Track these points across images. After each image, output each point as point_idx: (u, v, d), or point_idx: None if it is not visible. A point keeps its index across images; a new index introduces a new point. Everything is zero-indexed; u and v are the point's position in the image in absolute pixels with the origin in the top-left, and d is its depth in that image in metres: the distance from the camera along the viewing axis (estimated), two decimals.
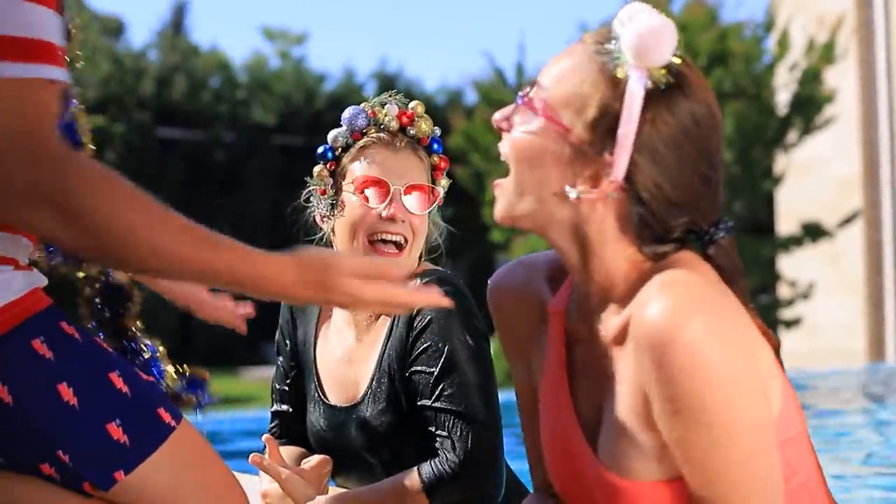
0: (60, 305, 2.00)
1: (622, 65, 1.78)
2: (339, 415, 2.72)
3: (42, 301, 1.96)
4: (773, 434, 1.72)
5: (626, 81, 1.77)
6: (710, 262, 1.82)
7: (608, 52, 1.80)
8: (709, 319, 1.66)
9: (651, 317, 1.68)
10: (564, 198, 1.81)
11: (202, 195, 25.98)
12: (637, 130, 1.75)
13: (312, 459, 2.61)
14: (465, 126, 15.14)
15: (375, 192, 2.68)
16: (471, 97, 24.74)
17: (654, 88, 1.77)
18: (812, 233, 14.30)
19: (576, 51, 1.84)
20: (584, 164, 1.79)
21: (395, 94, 2.81)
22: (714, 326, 1.66)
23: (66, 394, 1.90)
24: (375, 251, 2.66)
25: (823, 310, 15.01)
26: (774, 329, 14.62)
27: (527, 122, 1.84)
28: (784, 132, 14.12)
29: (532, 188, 1.83)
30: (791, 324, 14.39)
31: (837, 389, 9.06)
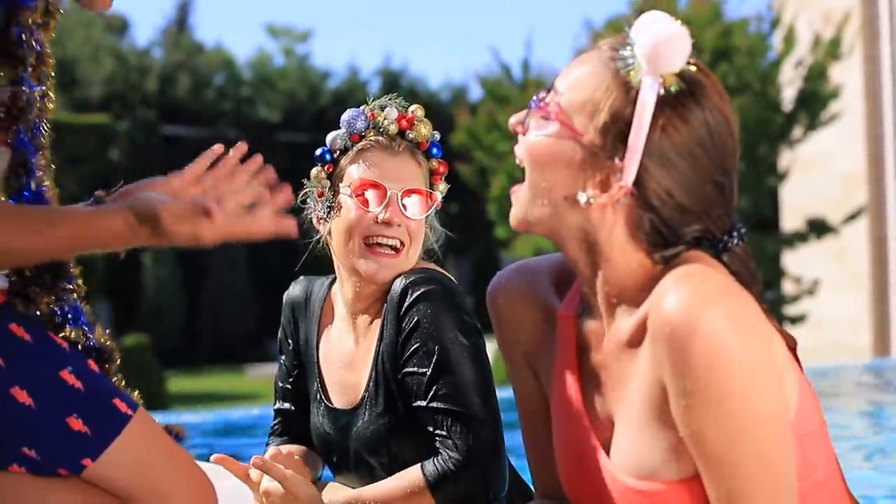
0: None
1: (635, 71, 1.78)
2: (341, 417, 2.73)
3: None
4: (788, 427, 1.72)
5: (639, 88, 1.77)
6: (724, 266, 1.81)
7: (622, 59, 1.80)
8: (727, 310, 1.66)
9: (668, 308, 1.68)
10: (575, 202, 1.81)
11: None
12: (648, 137, 1.75)
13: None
14: (469, 123, 15.14)
15: (373, 196, 2.68)
16: (475, 94, 24.74)
17: (667, 95, 1.76)
18: (817, 228, 14.30)
19: (592, 57, 1.85)
20: (595, 169, 1.79)
21: (396, 97, 2.80)
22: (732, 317, 1.66)
23: (21, 396, 1.95)
24: (372, 253, 2.66)
25: (828, 305, 15.00)
26: (780, 325, 14.61)
27: (541, 127, 1.84)
28: (789, 128, 14.11)
29: (545, 192, 1.83)
30: (796, 320, 14.39)
31: (842, 385, 9.05)
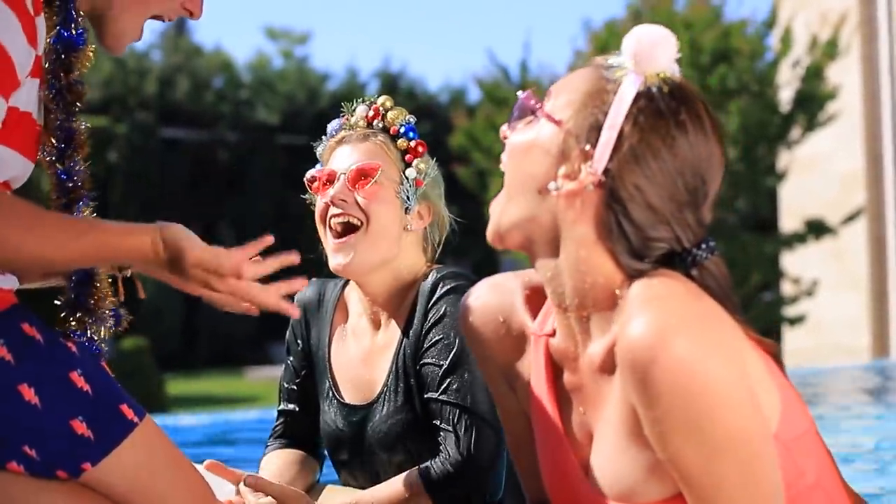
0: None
1: (620, 69, 1.80)
2: (355, 413, 2.72)
3: (3, 303, 1.99)
4: (768, 440, 1.71)
5: (621, 82, 1.79)
6: (696, 283, 1.79)
7: (610, 64, 1.83)
8: (690, 335, 1.64)
9: (631, 337, 1.66)
10: (546, 193, 1.80)
11: (206, 195, 26.01)
12: (623, 130, 1.76)
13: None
14: (468, 125, 15.16)
15: (324, 183, 2.71)
16: (473, 96, 24.74)
17: (648, 93, 1.78)
18: (815, 229, 14.31)
19: (582, 69, 1.88)
20: (568, 157, 1.79)
21: (376, 98, 2.82)
22: (696, 341, 1.64)
23: (28, 394, 1.95)
24: (334, 243, 2.68)
25: (827, 306, 15.01)
26: (778, 326, 14.63)
27: (526, 126, 1.86)
28: (787, 129, 14.13)
29: (519, 187, 1.83)
30: (795, 321, 14.39)
31: (841, 386, 9.05)
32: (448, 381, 2.55)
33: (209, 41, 32.16)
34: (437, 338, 2.59)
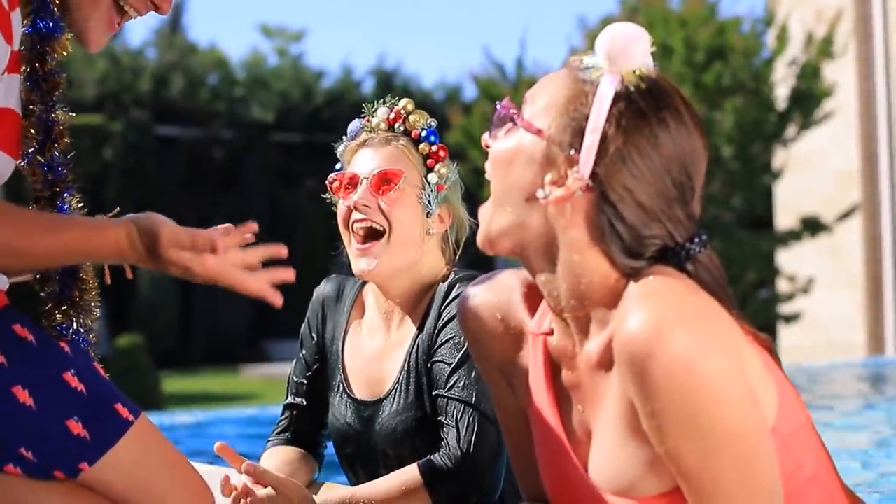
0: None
1: (595, 70, 1.80)
2: (366, 409, 2.73)
3: None
4: (766, 437, 1.71)
5: (598, 84, 1.79)
6: (690, 277, 1.80)
7: (585, 66, 1.83)
8: (688, 329, 1.65)
9: (629, 331, 1.67)
10: (534, 201, 1.80)
11: (201, 192, 25.98)
12: (606, 132, 1.76)
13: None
14: (464, 122, 15.15)
15: (346, 186, 2.72)
16: (469, 93, 24.75)
17: (626, 92, 1.78)
18: (811, 227, 14.31)
19: (558, 72, 1.88)
20: (553, 164, 1.79)
21: (394, 99, 2.82)
22: (694, 336, 1.65)
23: (22, 396, 1.94)
24: (358, 247, 2.70)
25: (823, 304, 15.01)
26: (774, 324, 14.63)
27: (506, 135, 1.86)
28: (783, 127, 14.13)
29: (506, 195, 1.83)
30: (790, 318, 14.40)
31: (837, 383, 9.06)
32: (455, 379, 2.57)
33: (204, 39, 32.19)
34: (448, 336, 2.62)
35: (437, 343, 2.63)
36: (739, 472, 1.68)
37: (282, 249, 2.14)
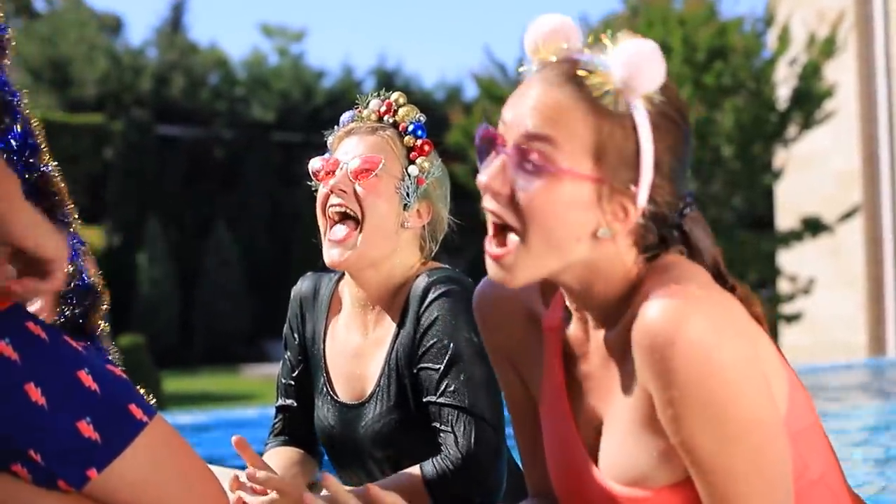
0: None
1: (618, 100, 1.75)
2: (348, 412, 2.72)
3: (6, 302, 1.95)
4: (781, 429, 1.71)
5: (631, 115, 1.75)
6: (690, 249, 1.83)
7: (596, 87, 1.76)
8: (708, 317, 1.66)
9: (649, 319, 1.68)
10: (589, 240, 1.78)
11: (201, 192, 25.99)
12: (656, 157, 1.76)
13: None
14: (464, 122, 15.15)
15: (328, 173, 2.72)
16: (469, 93, 24.78)
17: (655, 111, 1.76)
18: (812, 227, 14.32)
19: (554, 92, 1.78)
20: (611, 202, 1.77)
21: (387, 92, 2.82)
22: (713, 324, 1.66)
23: (35, 394, 1.89)
24: (329, 235, 2.70)
25: (824, 304, 15.02)
26: (775, 324, 14.63)
27: (535, 182, 1.76)
28: (784, 127, 14.13)
29: (554, 246, 1.77)
30: (792, 319, 14.40)
31: (838, 384, 9.06)
32: (445, 384, 2.56)
33: (205, 38, 32.19)
34: (432, 342, 2.59)
35: (421, 350, 2.60)
36: (753, 463, 1.68)
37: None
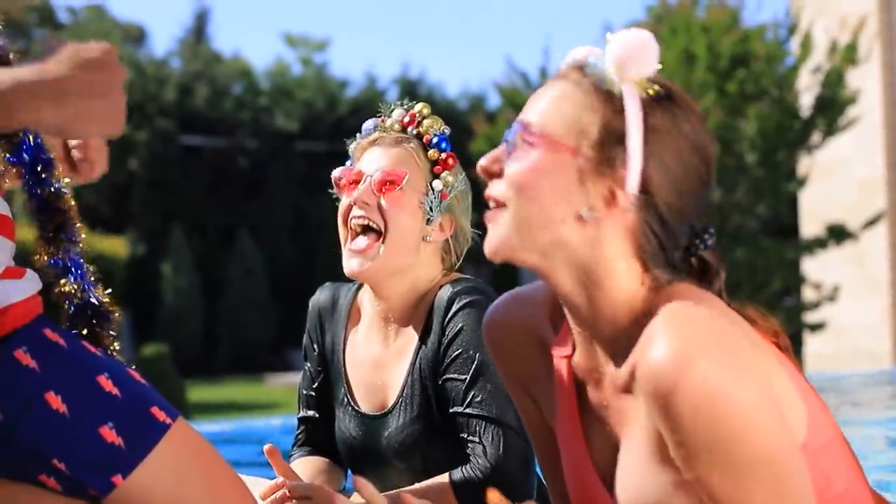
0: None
1: (611, 83, 1.77)
2: (370, 423, 2.71)
3: (31, 314, 1.95)
4: (798, 458, 1.69)
5: (621, 97, 1.76)
6: (706, 277, 1.80)
7: (593, 75, 1.79)
8: (712, 360, 1.63)
9: (652, 363, 1.65)
10: (574, 223, 1.77)
11: (225, 202, 26.05)
12: (645, 139, 1.75)
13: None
14: (488, 131, 15.13)
15: (350, 182, 2.71)
16: (493, 102, 24.72)
17: (647, 98, 1.77)
18: (836, 234, 14.25)
19: (558, 84, 1.84)
20: (596, 183, 1.76)
21: (412, 102, 2.82)
22: (718, 367, 1.62)
23: (55, 402, 1.88)
24: (350, 246, 2.69)
25: (848, 312, 14.94)
26: (800, 332, 14.56)
27: (524, 157, 1.80)
28: (807, 134, 14.07)
29: (538, 220, 1.78)
30: (816, 327, 14.33)
31: (863, 392, 9.01)
32: (471, 395, 2.55)
33: (228, 48, 32.25)
34: (457, 352, 2.58)
35: (447, 360, 2.60)
36: (771, 496, 1.65)
37: None
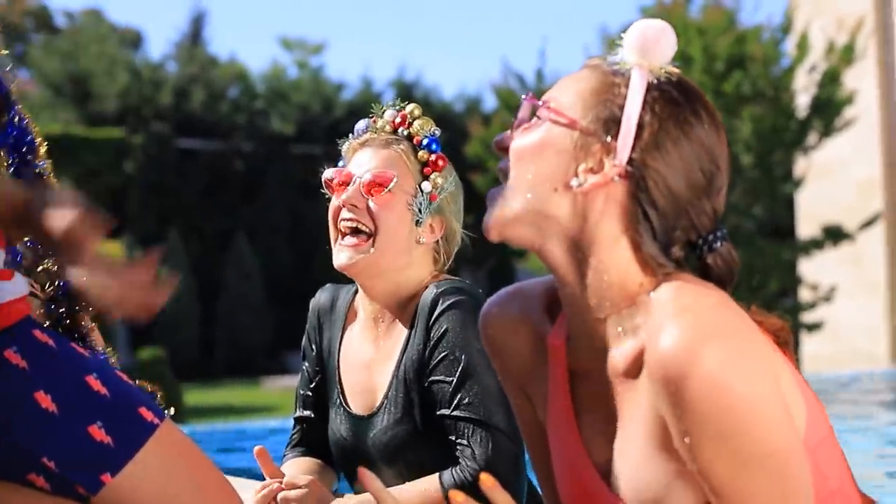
0: None
1: (624, 65, 1.80)
2: (359, 423, 2.72)
3: (18, 314, 1.96)
4: (801, 454, 1.69)
5: (629, 76, 1.79)
6: (710, 278, 1.79)
7: (611, 62, 1.82)
8: (723, 349, 1.63)
9: (663, 350, 1.65)
10: (564, 191, 1.78)
11: (222, 205, 26.04)
12: (641, 118, 1.76)
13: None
14: (483, 133, 15.14)
15: (339, 184, 2.71)
16: (489, 104, 24.74)
17: (658, 82, 1.78)
18: (833, 235, 14.26)
19: (581, 70, 1.87)
20: (588, 153, 1.77)
21: (404, 103, 2.82)
22: (729, 356, 1.63)
23: (45, 401, 1.90)
24: (340, 243, 2.69)
25: (845, 312, 14.95)
26: (796, 333, 14.57)
27: (530, 131, 1.83)
28: (804, 135, 14.08)
29: (530, 184, 1.79)
30: (813, 327, 14.34)
31: (860, 392, 9.02)
32: (459, 397, 2.55)
33: (224, 52, 32.18)
34: (443, 354, 2.58)
35: (432, 362, 2.59)
36: (774, 490, 1.65)
37: None
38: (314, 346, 2.88)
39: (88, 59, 26.86)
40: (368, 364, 2.75)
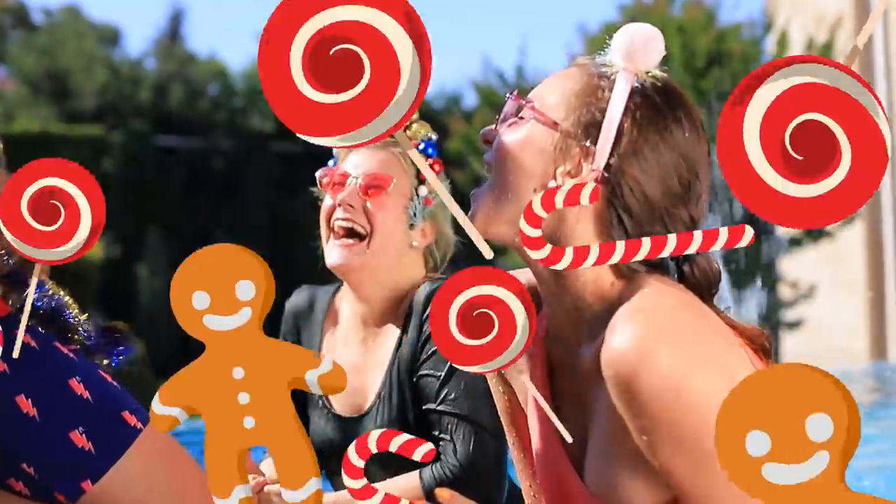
0: None
1: (611, 67, 1.81)
2: (347, 425, 2.70)
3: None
4: None
5: (614, 80, 1.79)
6: (684, 282, 1.79)
7: (598, 63, 1.83)
8: (673, 348, 1.64)
9: (613, 350, 1.66)
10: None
11: (201, 203, 25.97)
12: (621, 124, 1.76)
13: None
14: (464, 130, 15.14)
15: (335, 183, 2.69)
16: (469, 101, 24.73)
17: (641, 88, 1.78)
18: (813, 233, 14.30)
19: (568, 68, 1.88)
20: (567, 156, 1.78)
21: None
22: (679, 355, 1.63)
23: (25, 405, 1.87)
24: (335, 242, 2.67)
25: (825, 310, 15.00)
26: (776, 330, 14.61)
27: (514, 127, 1.84)
28: None
29: (512, 187, 1.81)
30: (793, 325, 14.38)
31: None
32: (445, 392, 2.54)
33: (203, 48, 32.21)
34: (433, 349, 2.58)
35: (423, 357, 2.59)
36: (731, 488, 1.66)
37: None
38: None
39: (66, 56, 26.75)
40: (355, 365, 2.73)
